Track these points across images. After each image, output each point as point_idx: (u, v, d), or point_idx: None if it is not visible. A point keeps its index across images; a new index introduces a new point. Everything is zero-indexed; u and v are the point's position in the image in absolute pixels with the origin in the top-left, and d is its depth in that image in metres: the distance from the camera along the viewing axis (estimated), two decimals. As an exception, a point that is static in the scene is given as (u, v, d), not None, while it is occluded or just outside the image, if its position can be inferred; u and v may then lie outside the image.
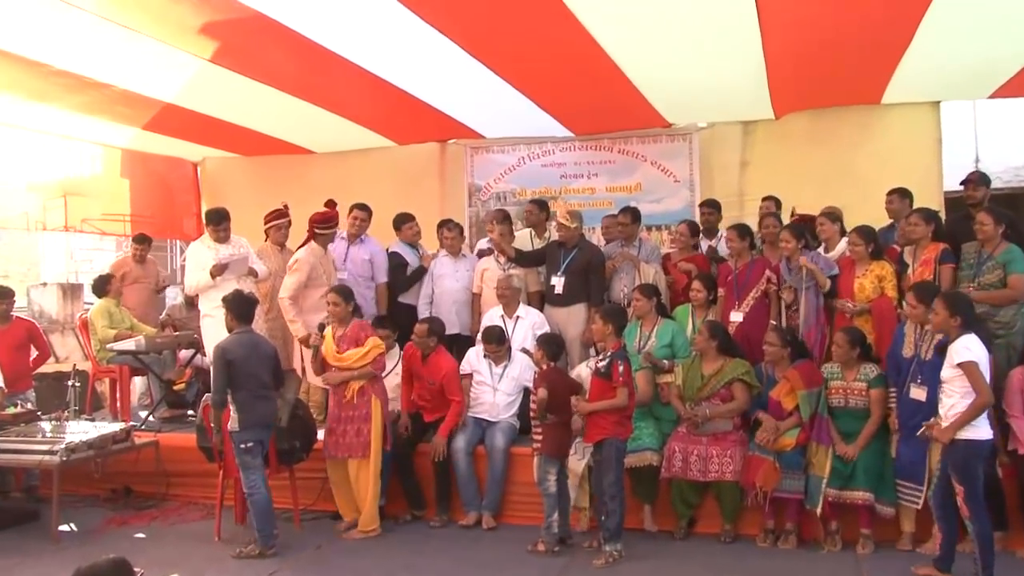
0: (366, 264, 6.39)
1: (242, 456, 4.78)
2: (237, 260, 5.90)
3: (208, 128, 7.00)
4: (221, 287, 5.88)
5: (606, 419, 4.55)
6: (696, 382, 5.04)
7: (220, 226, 6.02)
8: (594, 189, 7.62)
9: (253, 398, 4.78)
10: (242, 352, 4.77)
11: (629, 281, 5.98)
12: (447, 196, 7.94)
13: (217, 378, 4.77)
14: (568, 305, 5.96)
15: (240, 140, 7.54)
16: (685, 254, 6.09)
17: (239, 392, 4.75)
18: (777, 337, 4.93)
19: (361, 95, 6.22)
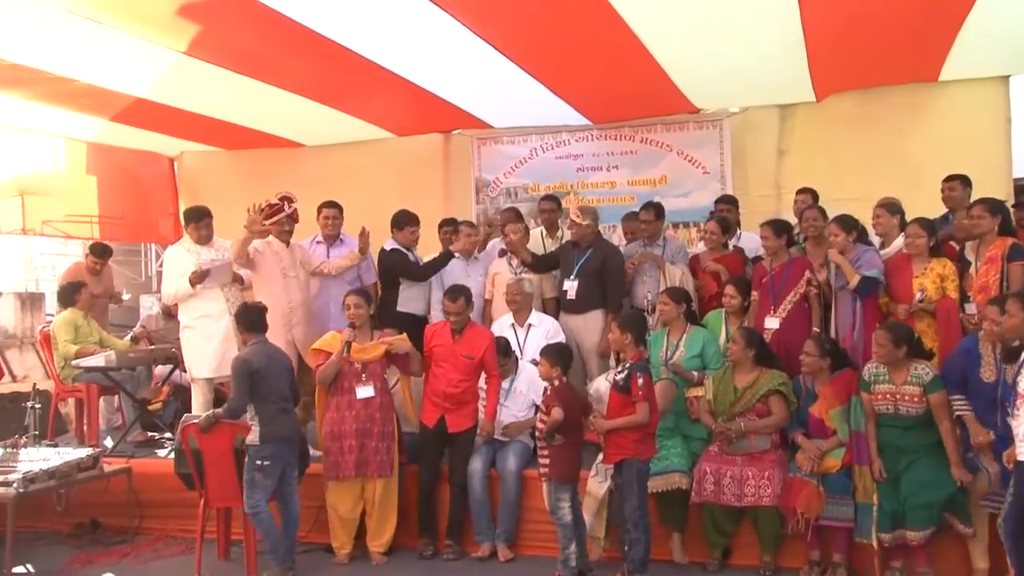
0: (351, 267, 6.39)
1: (253, 472, 4.80)
2: (219, 266, 5.90)
3: (186, 121, 7.03)
4: (203, 296, 5.90)
5: (626, 437, 4.51)
6: (728, 396, 5.00)
7: (201, 223, 5.99)
8: (614, 183, 7.61)
9: (276, 411, 4.87)
10: (264, 363, 4.87)
11: (653, 284, 5.98)
12: (451, 192, 7.96)
13: (238, 387, 4.83)
14: (583, 312, 5.96)
15: (221, 133, 7.55)
16: (715, 253, 6.06)
17: (262, 404, 4.84)
18: (815, 346, 4.86)
19: (355, 83, 6.24)
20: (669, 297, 5.46)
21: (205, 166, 8.44)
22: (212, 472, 5.05)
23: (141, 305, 8.52)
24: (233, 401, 4.90)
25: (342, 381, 5.17)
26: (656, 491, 4.84)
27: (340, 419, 5.15)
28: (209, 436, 5.02)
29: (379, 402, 5.17)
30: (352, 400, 5.14)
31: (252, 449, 4.84)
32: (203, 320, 5.96)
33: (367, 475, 5.11)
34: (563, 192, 7.29)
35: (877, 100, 6.78)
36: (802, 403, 4.94)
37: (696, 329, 5.49)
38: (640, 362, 4.56)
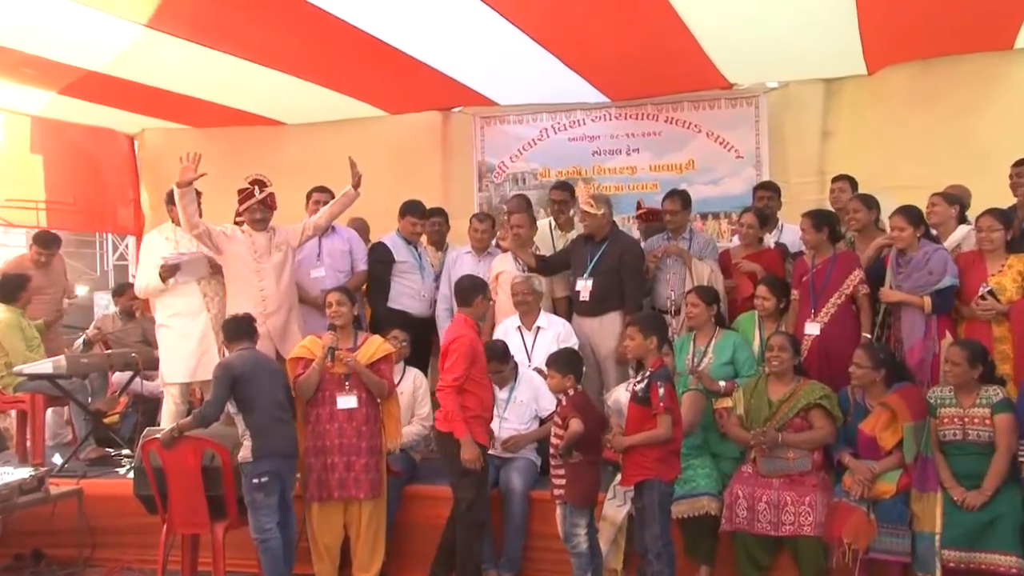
0: (345, 256, 6.45)
1: (252, 493, 4.81)
2: (193, 259, 5.87)
3: (147, 95, 7.03)
4: (177, 291, 5.87)
5: (646, 455, 4.45)
6: (762, 410, 4.97)
7: None
8: (635, 168, 7.60)
9: (271, 421, 4.88)
10: (249, 368, 4.89)
11: (678, 283, 5.96)
12: (451, 178, 7.98)
13: (215, 393, 4.86)
14: (599, 314, 5.94)
15: (189, 109, 7.55)
16: (750, 250, 6.03)
17: (253, 414, 4.86)
18: (867, 357, 4.82)
19: (341, 54, 6.25)
20: (699, 297, 5.45)
21: (170, 145, 8.20)
22: (176, 494, 5.01)
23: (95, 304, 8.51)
24: (206, 407, 4.89)
25: (322, 390, 5.17)
26: (681, 517, 4.81)
27: (322, 433, 5.14)
28: (173, 452, 4.97)
29: (364, 414, 5.17)
30: (334, 411, 5.14)
31: (246, 467, 4.84)
32: (177, 318, 5.95)
33: (354, 496, 5.11)
34: (577, 179, 7.29)
35: (939, 73, 6.70)
36: (850, 419, 4.89)
37: (726, 333, 5.48)
38: (662, 369, 4.51)
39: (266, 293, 5.78)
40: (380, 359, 5.21)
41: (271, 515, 4.85)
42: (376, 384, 5.16)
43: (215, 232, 5.75)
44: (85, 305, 9.30)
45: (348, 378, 5.14)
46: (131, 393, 6.99)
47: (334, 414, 5.13)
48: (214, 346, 5.78)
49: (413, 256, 6.47)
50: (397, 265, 6.40)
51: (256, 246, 5.83)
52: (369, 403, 5.19)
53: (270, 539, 4.82)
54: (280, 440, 4.92)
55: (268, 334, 5.69)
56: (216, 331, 5.80)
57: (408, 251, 6.45)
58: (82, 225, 8.26)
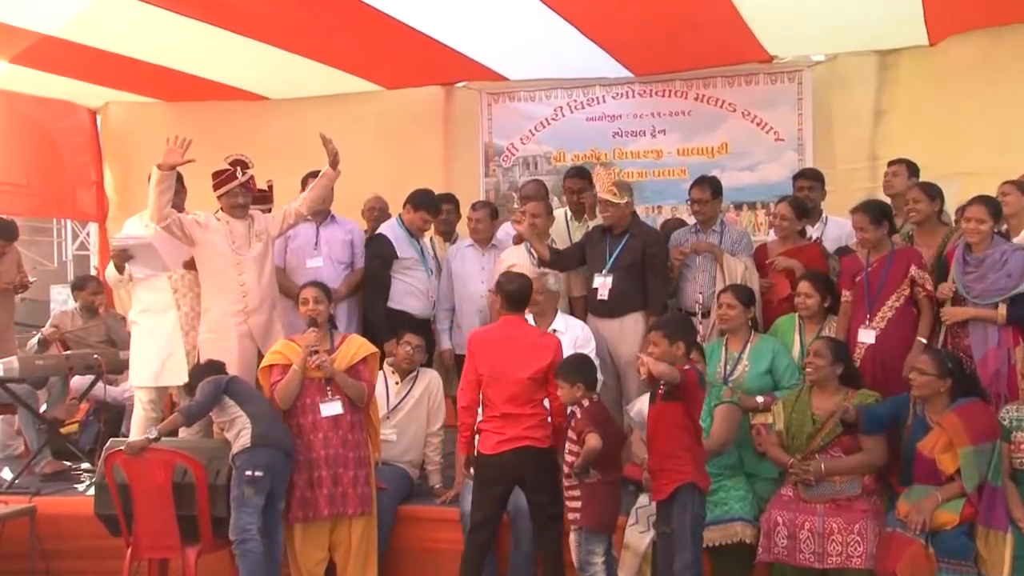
0: (346, 247, 6.46)
1: (242, 487, 4.84)
2: (141, 243, 5.81)
3: (112, 66, 7.01)
4: (145, 284, 5.87)
5: (683, 459, 4.40)
6: (805, 425, 4.91)
7: None
8: (660, 152, 7.58)
9: (273, 415, 5.06)
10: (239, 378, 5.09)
11: (707, 281, 5.94)
12: (454, 161, 7.99)
13: (205, 390, 4.96)
14: (619, 315, 5.93)
15: (159, 80, 7.56)
16: (788, 244, 5.98)
17: (253, 404, 5.03)
18: (933, 362, 4.73)
19: (331, 23, 6.28)
20: (735, 297, 5.42)
21: (138, 121, 8.37)
22: (143, 513, 4.97)
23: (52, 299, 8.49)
24: (193, 405, 4.96)
25: (303, 398, 5.19)
26: (712, 545, 4.76)
27: (306, 445, 5.14)
28: (140, 466, 4.94)
29: (350, 421, 5.19)
30: (317, 420, 5.16)
31: (241, 457, 4.88)
32: (146, 315, 5.91)
33: (344, 513, 5.12)
34: (595, 163, 7.28)
35: (1011, 43, 6.65)
36: (908, 435, 4.81)
37: (763, 338, 5.46)
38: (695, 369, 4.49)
39: (247, 288, 5.72)
40: (360, 361, 5.24)
41: (255, 516, 4.85)
42: (354, 388, 5.17)
43: (187, 221, 5.70)
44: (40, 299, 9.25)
45: (329, 382, 5.17)
46: (92, 399, 6.95)
47: (317, 423, 5.15)
48: (181, 349, 5.74)
49: (416, 251, 6.44)
50: (399, 261, 6.36)
51: (234, 235, 5.77)
52: (354, 408, 5.23)
53: (249, 540, 4.80)
54: (280, 433, 5.01)
55: (249, 333, 5.69)
56: (186, 331, 5.79)
57: (411, 245, 6.41)
58: (37, 210, 8.26)
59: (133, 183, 6.28)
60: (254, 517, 4.84)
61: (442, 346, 6.46)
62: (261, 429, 4.91)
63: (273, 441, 4.94)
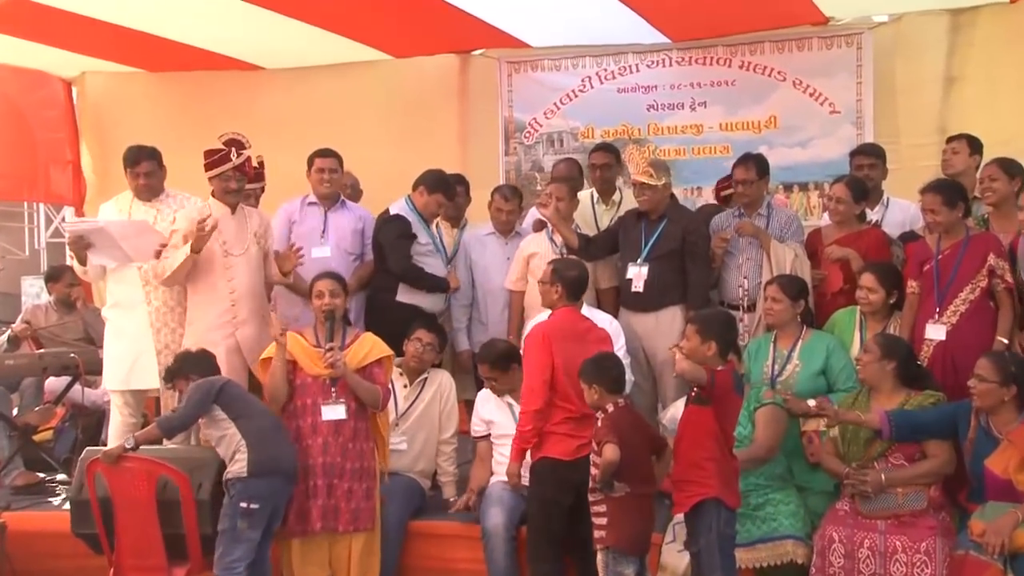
0: (356, 236, 6.51)
1: (235, 519, 4.86)
2: (94, 229, 5.81)
3: (90, 31, 7.00)
4: (115, 276, 5.89)
5: (704, 468, 4.41)
6: (862, 431, 4.88)
7: (138, 168, 5.96)
8: (701, 126, 7.56)
9: (271, 428, 5.03)
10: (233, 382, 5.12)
11: (752, 271, 5.95)
12: (470, 138, 8.01)
13: (191, 401, 4.94)
14: (655, 308, 5.93)
15: (142, 48, 7.52)
16: (845, 230, 5.94)
17: (250, 420, 4.99)
18: (992, 367, 4.69)
19: None
20: (781, 289, 5.40)
21: (118, 94, 8.39)
22: (126, 530, 4.99)
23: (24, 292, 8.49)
24: (175, 418, 4.96)
25: (303, 398, 5.22)
26: (760, 565, 4.77)
27: (303, 449, 5.17)
28: (121, 477, 4.96)
29: (353, 428, 5.21)
30: (317, 423, 5.18)
31: (236, 486, 4.88)
32: (116, 310, 5.96)
33: (334, 530, 5.15)
34: (627, 140, 7.29)
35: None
36: (972, 448, 4.76)
37: (816, 335, 5.45)
38: (736, 374, 4.49)
39: (237, 295, 5.73)
40: (373, 362, 5.23)
41: (247, 551, 4.86)
42: (368, 392, 5.17)
43: None
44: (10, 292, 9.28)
45: (335, 383, 5.17)
46: (69, 403, 6.96)
47: (317, 427, 5.17)
48: (151, 348, 5.75)
49: (431, 237, 6.46)
50: (415, 247, 6.35)
51: (225, 232, 5.76)
52: (360, 415, 5.23)
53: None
54: (283, 454, 5.00)
55: (238, 347, 5.71)
56: (157, 327, 5.82)
57: (425, 230, 6.42)
58: (6, 193, 8.28)
59: (113, 163, 6.25)
60: (245, 552, 4.85)
61: (460, 347, 6.46)
62: (260, 455, 4.87)
63: (275, 466, 4.93)
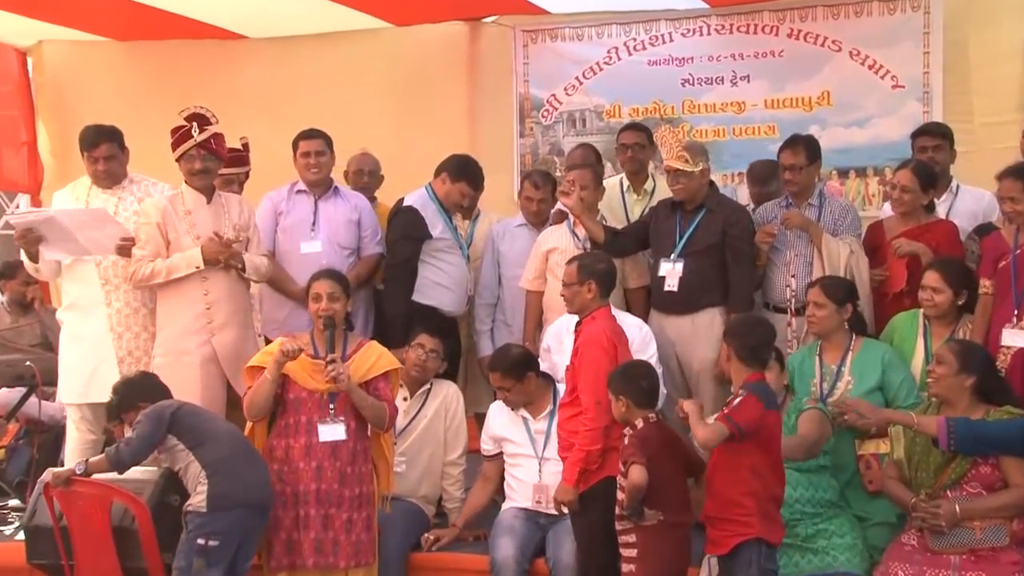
0: (351, 228, 6.51)
1: (190, 557, 4.85)
2: (41, 219, 5.78)
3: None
4: (71, 274, 5.91)
5: (743, 505, 4.41)
6: (932, 454, 4.78)
7: (96, 151, 5.96)
8: (743, 104, 7.56)
9: (235, 455, 4.99)
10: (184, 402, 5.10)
11: (802, 269, 5.95)
12: (481, 117, 8.06)
13: (145, 428, 4.92)
14: (691, 311, 5.95)
15: (108, 14, 7.58)
16: (910, 222, 5.92)
17: (209, 446, 4.96)
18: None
19: None
20: (824, 292, 5.37)
21: (80, 66, 8.44)
22: (84, 562, 5.01)
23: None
24: (124, 450, 4.91)
25: (296, 415, 5.19)
26: None
27: (294, 473, 5.16)
28: (72, 503, 4.98)
29: (352, 450, 5.19)
30: (312, 445, 5.15)
31: (193, 520, 4.90)
32: (71, 312, 5.99)
33: (335, 566, 5.15)
34: (660, 120, 7.31)
35: None
36: None
37: (868, 344, 5.44)
38: (759, 383, 4.50)
39: (213, 297, 5.74)
40: (379, 375, 5.23)
41: None
42: (374, 410, 5.15)
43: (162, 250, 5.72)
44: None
45: (334, 399, 5.14)
46: (23, 418, 6.96)
47: (312, 449, 5.15)
48: (112, 356, 5.76)
49: (451, 231, 6.48)
50: (433, 242, 6.36)
51: (198, 224, 5.78)
52: (360, 434, 5.23)
53: None
54: (251, 483, 4.97)
55: (214, 355, 5.72)
56: (119, 332, 5.82)
57: (446, 223, 6.44)
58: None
59: (73, 144, 6.19)
60: None
61: (482, 352, 6.45)
62: (220, 487, 4.85)
63: (239, 498, 4.90)
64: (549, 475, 5.41)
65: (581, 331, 5.16)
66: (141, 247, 5.68)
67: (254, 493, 4.95)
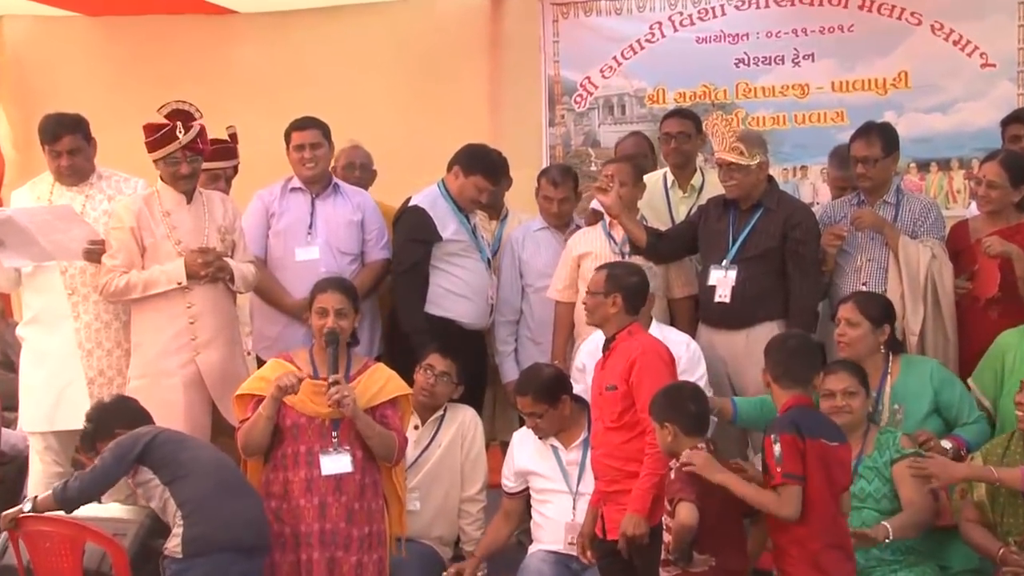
0: (353, 231, 6.52)
1: None
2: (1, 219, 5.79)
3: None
4: (32, 284, 5.99)
5: (808, 546, 4.40)
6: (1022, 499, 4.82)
7: (58, 144, 5.97)
8: (806, 87, 7.58)
9: (214, 493, 4.95)
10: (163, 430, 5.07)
11: (875, 274, 5.95)
12: (504, 102, 8.15)
13: (108, 461, 4.92)
14: (745, 325, 5.93)
15: None
16: (1000, 222, 5.93)
17: (188, 482, 4.93)
18: None
19: None
20: (858, 309, 5.38)
21: (47, 44, 8.52)
22: None
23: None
24: (75, 487, 4.92)
25: (295, 444, 5.20)
26: None
27: (294, 512, 5.16)
28: (37, 544, 4.98)
29: (360, 483, 5.20)
30: (314, 479, 5.16)
31: (170, 566, 4.90)
32: (34, 328, 6.02)
33: None
34: (710, 106, 7.37)
35: None
36: None
37: (908, 362, 5.46)
38: (793, 411, 4.52)
39: (197, 310, 5.76)
40: (386, 402, 5.25)
41: None
42: (382, 439, 5.16)
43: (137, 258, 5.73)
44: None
45: (337, 426, 5.15)
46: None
47: (314, 483, 5.15)
48: (80, 377, 5.78)
49: (468, 232, 6.50)
50: (442, 246, 6.39)
51: (179, 227, 5.80)
52: (368, 466, 5.23)
53: None
54: (235, 522, 4.94)
55: (199, 378, 5.74)
56: (88, 348, 5.84)
57: (460, 223, 6.46)
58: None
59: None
60: None
61: (506, 376, 6.45)
62: (197, 529, 4.84)
63: (219, 542, 4.88)
64: (584, 513, 5.39)
65: (615, 348, 5.15)
66: (112, 255, 5.67)
67: (239, 534, 4.92)
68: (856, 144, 6.09)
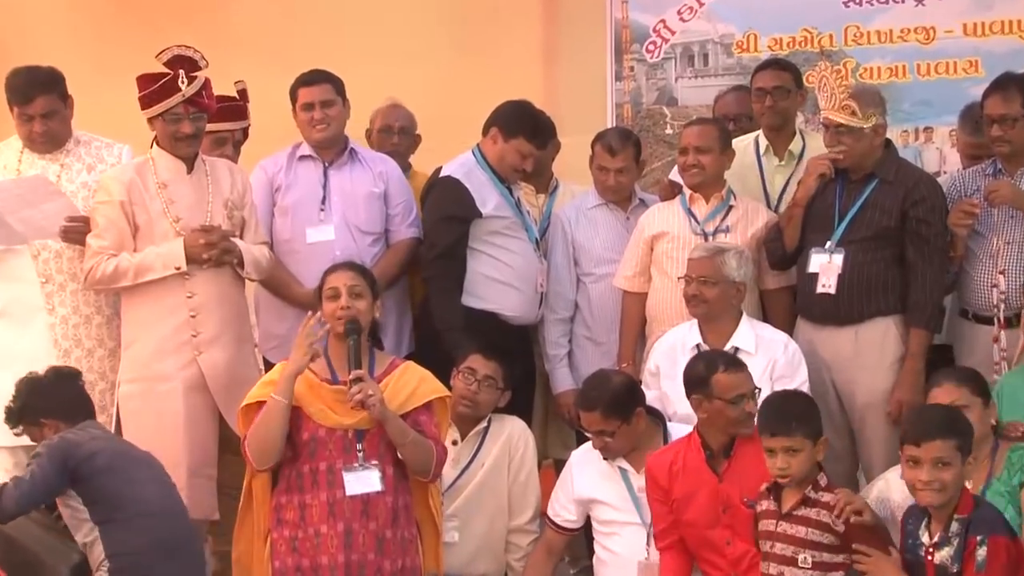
0: (374, 205, 6.58)
1: None
2: None
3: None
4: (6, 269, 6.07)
5: None
6: None
7: (30, 106, 6.01)
8: (930, 31, 7.56)
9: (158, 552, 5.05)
10: (111, 449, 5.17)
11: (1015, 261, 5.95)
12: (562, 53, 8.27)
13: (37, 473, 5.01)
14: (854, 321, 5.96)
15: None
16: None
17: (120, 529, 5.04)
18: None
19: None
20: (968, 389, 5.19)
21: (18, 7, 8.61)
22: None
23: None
24: (17, 488, 5.02)
25: (312, 460, 5.23)
26: None
27: (311, 542, 5.20)
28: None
29: (392, 506, 5.24)
30: (337, 501, 5.19)
31: None
32: (0, 323, 6.09)
33: None
34: (813, 54, 7.33)
35: None
36: None
37: None
38: (985, 508, 4.50)
39: (199, 301, 5.82)
40: (420, 407, 5.27)
41: None
42: (417, 448, 5.18)
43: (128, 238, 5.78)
44: None
45: (362, 438, 5.17)
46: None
47: (337, 507, 5.19)
48: None
49: (512, 206, 6.54)
50: (484, 223, 6.42)
51: (177, 201, 5.84)
52: (400, 486, 5.28)
53: None
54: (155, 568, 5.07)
55: (202, 381, 5.79)
56: (64, 349, 5.90)
57: (503, 195, 6.49)
58: None
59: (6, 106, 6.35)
60: None
61: (558, 386, 6.44)
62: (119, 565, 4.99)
63: None
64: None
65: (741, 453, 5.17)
66: (99, 235, 5.69)
67: None
68: (991, 100, 6.04)
